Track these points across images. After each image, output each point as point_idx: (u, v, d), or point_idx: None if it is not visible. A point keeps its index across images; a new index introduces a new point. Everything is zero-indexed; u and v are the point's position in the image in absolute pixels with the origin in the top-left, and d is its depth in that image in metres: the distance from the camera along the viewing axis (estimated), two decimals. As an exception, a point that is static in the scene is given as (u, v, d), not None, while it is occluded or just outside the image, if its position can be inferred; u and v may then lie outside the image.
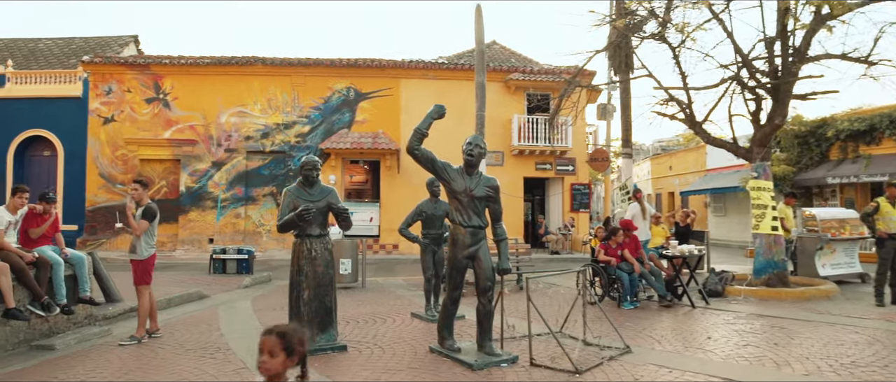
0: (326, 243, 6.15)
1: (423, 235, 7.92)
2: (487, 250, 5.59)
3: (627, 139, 12.80)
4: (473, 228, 5.50)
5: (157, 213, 6.82)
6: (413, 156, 5.34)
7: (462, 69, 20.26)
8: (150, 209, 6.79)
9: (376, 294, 10.47)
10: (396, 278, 13.00)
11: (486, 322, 5.56)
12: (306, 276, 6.02)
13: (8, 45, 23.71)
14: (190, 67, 19.76)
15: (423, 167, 5.46)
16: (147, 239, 6.79)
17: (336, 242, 11.46)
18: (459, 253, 5.52)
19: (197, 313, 8.65)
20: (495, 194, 5.58)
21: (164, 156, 19.85)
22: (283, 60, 19.93)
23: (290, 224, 5.86)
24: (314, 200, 6.05)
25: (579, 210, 21.13)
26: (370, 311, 8.56)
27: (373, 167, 20.98)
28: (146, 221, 6.73)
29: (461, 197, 5.49)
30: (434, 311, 7.75)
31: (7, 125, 19.98)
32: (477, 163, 5.54)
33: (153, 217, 6.77)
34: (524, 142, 19.95)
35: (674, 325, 7.41)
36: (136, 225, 6.73)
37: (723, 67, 10.50)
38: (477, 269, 5.54)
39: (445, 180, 5.50)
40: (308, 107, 20.05)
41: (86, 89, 19.87)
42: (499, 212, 5.68)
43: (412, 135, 5.31)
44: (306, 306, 5.99)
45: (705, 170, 32.05)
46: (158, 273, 13.58)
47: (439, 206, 7.86)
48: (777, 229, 9.78)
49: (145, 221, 6.73)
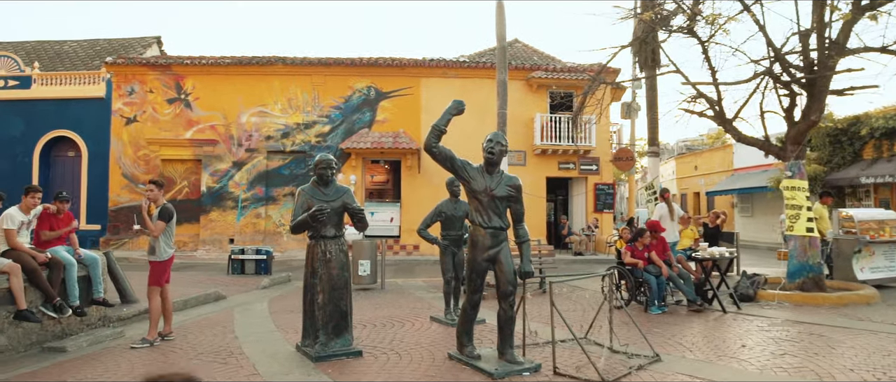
0: (342, 244, 5.94)
1: (442, 236, 7.68)
2: (509, 252, 5.33)
3: (653, 137, 12.39)
4: (494, 230, 5.24)
5: (173, 214, 6.68)
6: (431, 154, 5.10)
7: (483, 67, 19.99)
8: (166, 209, 6.64)
9: (395, 296, 10.25)
10: (416, 279, 12.78)
11: (507, 328, 5.29)
12: (321, 279, 5.81)
13: (35, 48, 24.01)
14: (211, 67, 19.78)
15: (442, 166, 5.22)
16: (165, 239, 6.65)
17: (355, 243, 11.32)
18: (479, 255, 5.26)
19: (213, 315, 8.51)
20: (517, 194, 5.32)
21: (186, 156, 19.89)
22: (303, 60, 19.85)
23: (303, 224, 5.66)
24: (329, 200, 5.84)
25: (603, 210, 20.71)
26: (388, 314, 8.34)
27: (393, 167, 20.79)
28: (163, 222, 6.59)
29: (481, 197, 5.23)
30: (454, 315, 7.50)
31: (33, 126, 20.21)
32: (498, 162, 5.28)
33: (169, 217, 6.62)
34: (547, 142, 19.60)
35: (705, 332, 7.06)
36: (152, 226, 6.59)
37: (754, 62, 10.09)
38: (498, 273, 5.27)
39: (465, 179, 5.26)
40: (328, 107, 19.95)
41: (109, 90, 20.00)
42: (521, 213, 5.42)
43: (430, 132, 5.07)
44: (320, 310, 5.78)
45: (732, 169, 31.38)
46: (178, 273, 13.60)
47: (459, 207, 7.61)
48: (812, 230, 9.35)
49: (162, 222, 6.58)
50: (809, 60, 9.19)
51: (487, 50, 22.64)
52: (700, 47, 9.91)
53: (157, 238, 6.60)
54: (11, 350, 6.08)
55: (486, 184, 5.23)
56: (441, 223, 7.66)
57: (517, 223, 5.42)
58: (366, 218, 5.88)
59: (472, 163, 5.33)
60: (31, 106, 20.23)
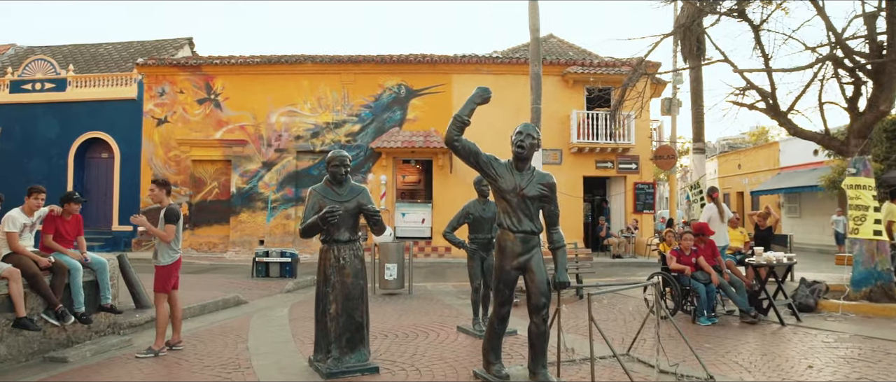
0: (357, 250, 5.40)
1: (470, 240, 7.08)
2: (541, 259, 4.71)
3: (699, 133, 11.54)
4: (524, 234, 4.63)
5: (179, 215, 6.25)
6: (453, 148, 4.52)
7: (517, 63, 19.32)
8: (172, 211, 6.23)
9: (422, 302, 9.70)
10: (446, 284, 12.22)
11: (539, 345, 4.68)
12: (333, 287, 5.29)
13: (72, 51, 24.27)
14: (240, 67, 19.59)
15: (465, 161, 4.64)
16: (173, 243, 6.23)
17: (381, 245, 10.81)
18: (508, 263, 4.66)
19: (229, 321, 8.10)
20: (551, 193, 4.70)
21: (216, 156, 19.74)
22: (332, 58, 19.49)
23: (313, 227, 5.14)
24: (343, 200, 5.32)
25: (643, 211, 19.81)
26: (412, 323, 7.79)
27: (425, 167, 20.30)
28: (172, 225, 6.17)
29: (510, 196, 4.63)
30: (482, 325, 6.91)
31: (68, 128, 20.34)
32: (529, 157, 4.67)
33: (177, 219, 6.20)
34: (584, 139, 18.81)
35: (763, 347, 6.32)
36: (161, 232, 6.19)
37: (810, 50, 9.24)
38: (529, 282, 4.66)
39: (491, 177, 4.66)
40: (358, 106, 19.55)
41: (140, 91, 19.99)
42: (555, 215, 4.79)
43: (451, 123, 4.49)
44: (333, 322, 5.26)
45: (778, 168, 30.05)
46: (202, 276, 13.39)
47: (488, 208, 7.00)
48: (881, 233, 8.46)
49: (171, 225, 6.17)
50: (877, 44, 8.31)
51: (521, 45, 21.95)
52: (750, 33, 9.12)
53: (169, 242, 6.19)
54: (11, 359, 5.72)
55: (516, 182, 4.63)
56: (469, 225, 7.07)
57: (551, 226, 4.80)
58: (382, 221, 5.33)
59: (500, 159, 4.74)
60: (65, 108, 20.37)
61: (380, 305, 9.33)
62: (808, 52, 9.26)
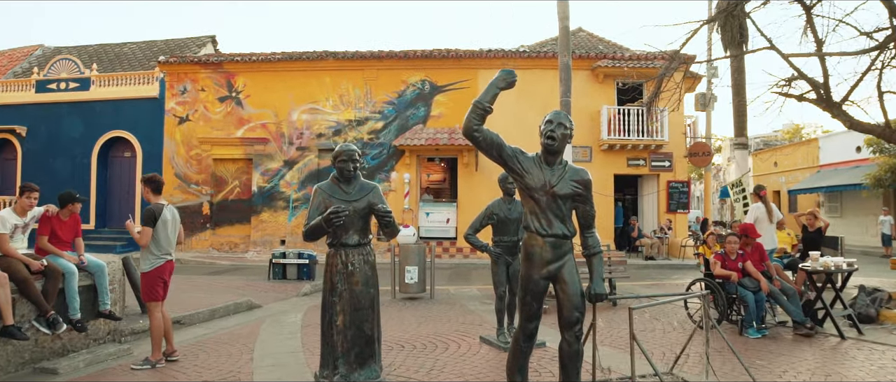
0: (367, 254, 4.85)
1: (494, 243, 6.49)
2: (574, 267, 4.10)
3: (741, 126, 10.71)
4: (555, 238, 4.03)
5: (156, 216, 5.77)
6: (472, 139, 3.94)
7: (545, 57, 18.63)
8: (148, 212, 5.77)
9: (444, 307, 9.13)
10: (470, 287, 11.64)
11: (572, 365, 4.07)
12: (340, 297, 4.75)
13: (97, 51, 24.27)
14: (261, 64, 19.25)
15: (487, 155, 4.05)
16: (153, 247, 5.76)
17: (402, 247, 10.27)
18: (536, 271, 4.06)
19: (238, 327, 7.64)
20: (586, 191, 4.09)
21: (237, 155, 19.44)
22: (355, 54, 19.04)
23: (317, 230, 4.59)
24: (351, 199, 4.77)
25: (677, 210, 18.94)
26: (432, 331, 7.23)
27: (450, 164, 19.74)
28: (148, 228, 5.70)
29: (538, 195, 4.03)
30: (507, 336, 6.32)
31: (91, 127, 20.24)
32: (560, 149, 4.06)
33: (153, 221, 5.73)
34: (614, 136, 18.02)
35: (824, 365, 5.61)
36: (136, 235, 5.75)
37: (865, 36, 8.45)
38: (560, 294, 4.06)
39: (517, 173, 4.07)
40: (381, 102, 19.06)
41: (162, 89, 19.80)
42: (591, 217, 4.18)
43: (470, 111, 3.91)
44: (340, 334, 4.71)
45: (817, 165, 28.85)
46: (219, 278, 13.00)
47: (514, 208, 6.40)
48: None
49: (147, 228, 5.70)
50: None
51: (549, 39, 21.27)
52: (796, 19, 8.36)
53: (147, 246, 5.73)
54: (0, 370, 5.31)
55: (545, 178, 4.03)
56: (492, 227, 6.48)
57: (586, 229, 4.18)
58: (395, 222, 4.76)
59: (527, 153, 4.14)
60: (89, 107, 20.28)
61: (399, 310, 8.80)
62: (862, 38, 8.49)
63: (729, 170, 42.14)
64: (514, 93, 5.94)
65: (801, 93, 8.93)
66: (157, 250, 5.80)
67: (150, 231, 5.75)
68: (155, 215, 5.82)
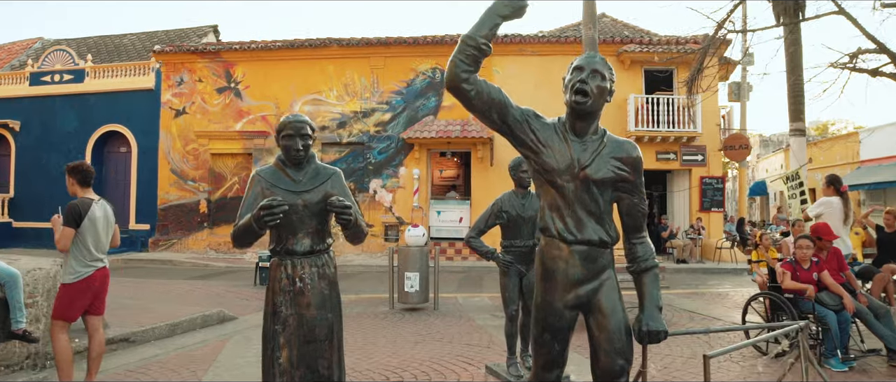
0: (323, 266, 3.51)
1: (503, 249, 5.10)
2: (616, 290, 2.72)
3: (798, 110, 9.10)
4: (588, 246, 2.66)
5: (82, 214, 4.48)
6: (459, 92, 2.59)
7: (567, 42, 17.16)
8: (71, 209, 4.48)
9: (448, 321, 7.77)
10: (481, 295, 10.26)
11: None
12: (285, 324, 3.42)
13: (97, 43, 23.34)
14: (261, 52, 18.05)
15: (482, 118, 2.71)
16: (77, 252, 4.49)
17: (401, 249, 8.93)
18: (558, 296, 2.68)
19: (197, 348, 6.36)
20: (634, 174, 2.72)
21: (236, 149, 18.25)
22: (360, 40, 17.74)
23: (246, 232, 3.26)
24: (300, 190, 3.44)
25: (711, 209, 17.36)
26: (428, 355, 5.88)
27: (463, 159, 18.38)
28: (69, 228, 4.42)
29: (562, 181, 2.66)
30: (519, 368, 4.94)
31: (86, 121, 19.23)
32: (595, 110, 2.69)
33: (77, 220, 4.44)
34: (642, 127, 16.48)
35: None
36: (57, 236, 4.47)
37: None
38: (595, 331, 2.67)
39: (530, 147, 2.70)
40: (389, 92, 17.73)
41: (158, 81, 18.69)
42: (641, 214, 2.79)
43: (456, 51, 2.56)
44: (284, 377, 3.37)
45: (858, 161, 26.99)
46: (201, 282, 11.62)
47: (530, 203, 5.01)
48: None
49: (69, 229, 4.42)
50: None
51: (570, 25, 19.80)
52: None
53: (67, 251, 4.45)
54: None
55: (572, 155, 2.65)
56: (502, 228, 5.08)
57: (634, 233, 2.79)
58: (359, 222, 3.42)
59: (544, 117, 2.78)
60: (83, 100, 19.27)
61: (394, 325, 7.47)
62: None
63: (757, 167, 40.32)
64: (533, 82, 4.76)
65: (876, 66, 7.41)
66: (83, 256, 4.54)
67: (72, 232, 4.48)
68: (79, 212, 4.54)
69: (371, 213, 17.42)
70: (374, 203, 17.45)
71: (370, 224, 17.41)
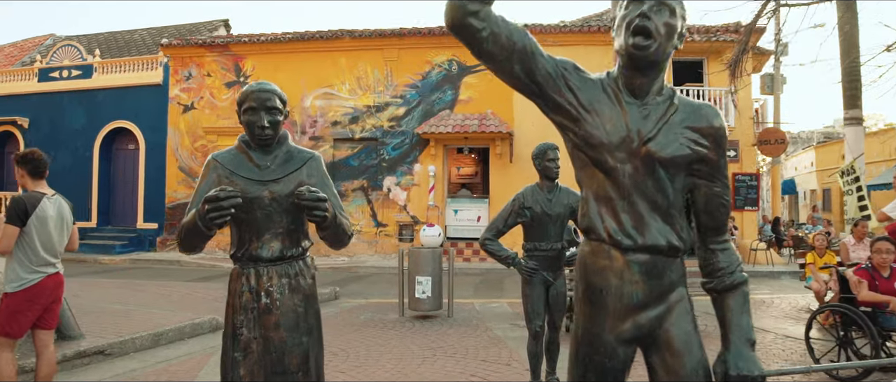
0: (296, 275, 2.75)
1: (525, 253, 4.30)
2: (688, 317, 1.91)
3: (854, 96, 8.12)
4: (650, 254, 1.86)
5: (28, 211, 3.78)
6: (466, 32, 1.81)
7: (592, 32, 16.27)
8: (15, 203, 3.78)
9: (463, 331, 6.99)
10: (500, 301, 9.45)
11: None
12: (246, 350, 2.66)
13: (107, 39, 22.96)
14: (271, 45, 17.41)
15: (501, 73, 1.94)
16: (21, 256, 3.79)
17: (411, 251, 8.16)
18: (608, 325, 1.88)
19: (180, 361, 5.66)
20: (716, 152, 1.90)
21: (246, 146, 17.61)
22: (374, 32, 17.00)
23: (191, 233, 2.51)
24: (266, 179, 2.69)
25: (744, 208, 16.34)
26: (439, 373, 5.10)
27: (481, 155, 17.57)
28: (13, 227, 3.72)
29: (615, 161, 1.86)
30: (545, 395, 4.14)
31: (94, 117, 18.74)
32: (662, 58, 1.87)
33: (21, 218, 3.74)
34: (670, 121, 15.54)
35: None
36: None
37: None
38: (661, 374, 1.87)
39: (567, 114, 1.91)
40: (403, 86, 16.97)
41: (166, 75, 18.15)
42: (723, 209, 1.97)
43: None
44: (245, 416, 2.62)
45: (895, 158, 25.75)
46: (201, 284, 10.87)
47: (557, 198, 4.20)
48: None
49: (12, 227, 3.72)
50: None
51: (594, 15, 18.88)
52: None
53: (9, 254, 3.75)
54: None
55: (628, 124, 1.86)
56: (523, 228, 4.28)
57: (713, 235, 1.98)
58: (341, 219, 2.65)
59: (589, 74, 1.99)
60: (91, 96, 18.78)
61: (402, 336, 6.70)
62: None
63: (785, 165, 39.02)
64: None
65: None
66: (30, 260, 3.83)
67: (16, 231, 3.78)
68: (25, 208, 3.84)
69: (385, 212, 16.69)
70: (387, 201, 16.72)
71: (384, 223, 16.69)
